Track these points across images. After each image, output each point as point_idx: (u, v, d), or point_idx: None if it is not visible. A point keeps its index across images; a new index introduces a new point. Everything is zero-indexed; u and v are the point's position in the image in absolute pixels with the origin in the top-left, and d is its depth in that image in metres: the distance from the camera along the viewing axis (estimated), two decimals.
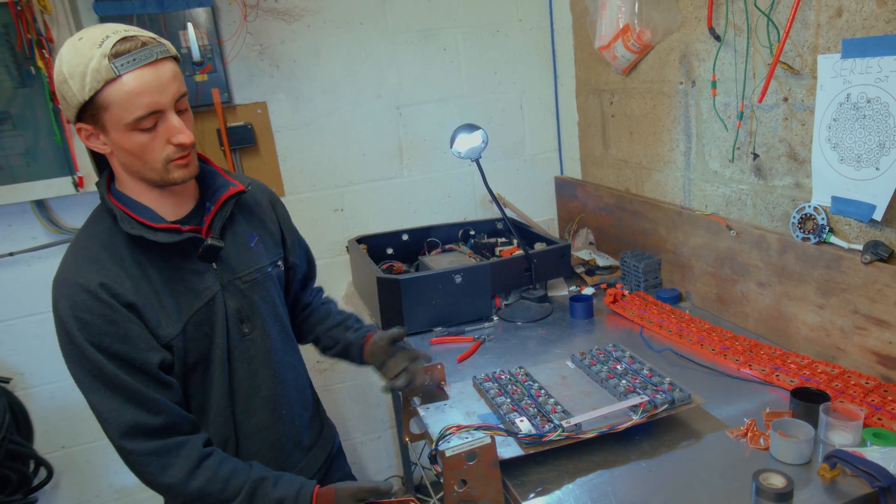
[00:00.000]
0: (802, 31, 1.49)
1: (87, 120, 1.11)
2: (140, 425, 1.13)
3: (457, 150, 1.94)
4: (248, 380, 1.32)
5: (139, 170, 1.16)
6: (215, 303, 1.26)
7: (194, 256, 1.24)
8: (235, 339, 1.29)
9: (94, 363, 1.11)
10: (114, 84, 1.05)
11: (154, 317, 1.18)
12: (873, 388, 1.37)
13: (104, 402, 1.13)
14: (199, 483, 1.17)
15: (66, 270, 1.15)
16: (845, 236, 1.49)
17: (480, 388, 1.50)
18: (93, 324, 1.11)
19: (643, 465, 1.27)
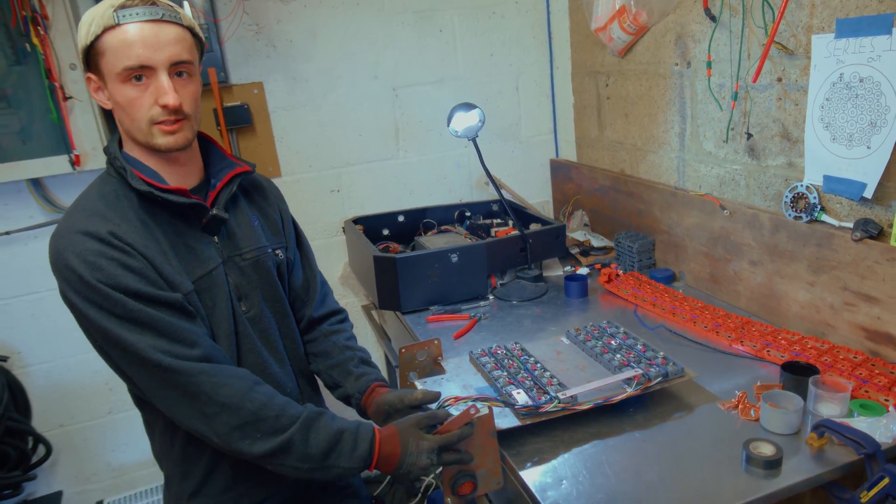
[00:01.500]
0: (797, 11, 1.50)
1: (93, 69, 1.15)
2: (175, 352, 1.09)
3: (454, 128, 1.95)
4: (253, 357, 1.30)
5: (129, 128, 1.18)
6: (216, 275, 1.25)
7: (198, 227, 1.25)
8: (239, 315, 1.29)
9: (115, 303, 1.07)
10: (112, 31, 1.10)
11: (166, 267, 1.15)
12: (861, 363, 1.41)
13: (138, 340, 1.07)
14: (255, 406, 1.11)
15: (70, 222, 1.12)
16: (836, 214, 1.51)
17: (477, 363, 1.53)
18: (106, 267, 1.07)
19: (637, 435, 1.30)
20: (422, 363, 1.55)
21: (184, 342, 1.11)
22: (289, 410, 1.14)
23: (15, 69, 1.96)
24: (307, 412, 1.16)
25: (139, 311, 1.08)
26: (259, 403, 1.12)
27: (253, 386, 1.14)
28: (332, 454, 1.14)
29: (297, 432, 1.13)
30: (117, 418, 2.46)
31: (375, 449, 1.15)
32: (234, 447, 1.13)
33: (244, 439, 1.12)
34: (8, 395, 2.12)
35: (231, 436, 1.12)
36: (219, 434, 1.12)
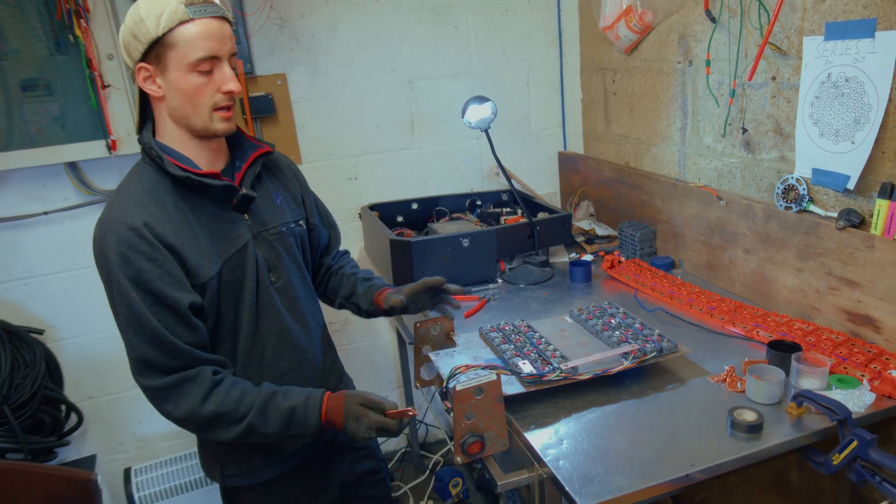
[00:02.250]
0: (790, 14, 1.61)
1: (151, 59, 1.23)
2: (156, 365, 1.22)
3: (468, 120, 2.07)
4: (276, 325, 1.41)
5: (187, 114, 1.27)
6: (247, 250, 1.36)
7: (228, 207, 1.35)
8: (264, 286, 1.39)
9: (126, 298, 1.20)
10: (185, 25, 1.21)
11: (193, 257, 1.27)
12: (842, 342, 1.52)
13: (130, 336, 1.22)
14: (213, 406, 1.24)
15: (111, 211, 1.25)
16: (823, 205, 1.62)
17: (486, 338, 1.65)
18: (134, 260, 1.19)
19: (632, 403, 1.42)
20: (435, 337, 1.67)
21: (167, 353, 1.23)
22: (245, 400, 1.28)
23: (56, 59, 2.09)
24: (260, 398, 1.29)
25: (142, 314, 1.20)
26: (217, 402, 1.25)
27: (212, 388, 1.26)
28: (290, 427, 1.30)
29: (254, 417, 1.27)
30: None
31: (322, 417, 1.30)
32: (208, 437, 1.30)
33: (212, 431, 1.28)
34: (44, 366, 2.26)
35: (202, 432, 1.29)
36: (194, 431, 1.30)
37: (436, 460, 2.94)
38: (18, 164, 2.15)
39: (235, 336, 1.38)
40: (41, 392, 2.21)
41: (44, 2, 2.02)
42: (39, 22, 2.05)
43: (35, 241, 2.33)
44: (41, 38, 2.07)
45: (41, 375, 2.21)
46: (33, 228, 2.32)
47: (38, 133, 2.14)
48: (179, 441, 2.71)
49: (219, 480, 1.48)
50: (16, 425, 2.08)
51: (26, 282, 2.36)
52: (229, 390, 1.28)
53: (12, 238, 2.30)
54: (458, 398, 1.31)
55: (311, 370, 1.51)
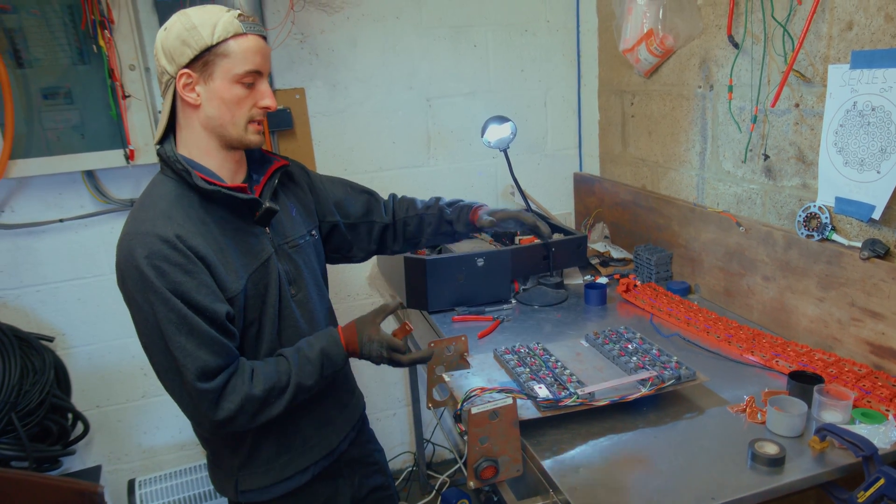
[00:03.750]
0: (815, 41, 1.60)
1: (197, 67, 1.24)
2: (211, 367, 1.23)
3: (487, 139, 2.07)
4: (296, 337, 1.41)
5: (223, 124, 1.29)
6: (270, 264, 1.37)
7: (251, 220, 1.36)
8: (285, 299, 1.40)
9: (174, 306, 1.19)
10: (239, 38, 1.25)
11: (222, 271, 1.27)
12: (865, 375, 1.49)
13: (181, 343, 1.20)
14: (262, 385, 1.27)
15: (139, 223, 1.22)
16: (846, 234, 1.60)
17: (501, 360, 1.63)
18: (170, 272, 1.19)
19: (649, 431, 1.39)
20: (449, 357, 1.65)
21: (219, 354, 1.24)
22: (281, 367, 1.32)
23: (79, 68, 2.11)
24: (293, 359, 1.33)
25: (192, 318, 1.21)
26: (263, 383, 1.28)
27: (252, 372, 1.29)
28: (324, 370, 1.36)
29: (296, 377, 1.31)
30: (150, 402, 2.59)
31: (343, 347, 1.38)
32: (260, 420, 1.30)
33: (266, 411, 1.30)
34: (53, 374, 2.25)
35: (256, 416, 1.29)
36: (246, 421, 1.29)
37: (442, 480, 2.91)
38: (36, 172, 2.17)
39: (257, 349, 1.38)
40: (49, 400, 2.20)
41: (69, 12, 2.04)
42: (64, 31, 2.07)
43: (49, 248, 2.34)
44: (65, 48, 2.09)
45: (49, 383, 2.20)
46: (48, 235, 2.33)
47: (57, 141, 2.15)
48: (185, 453, 2.70)
49: (232, 496, 1.46)
50: (22, 433, 2.06)
51: (39, 288, 2.36)
52: (264, 366, 1.31)
53: (27, 244, 2.31)
54: (473, 421, 1.29)
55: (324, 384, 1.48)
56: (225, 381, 1.25)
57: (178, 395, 1.28)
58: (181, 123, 1.33)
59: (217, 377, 1.24)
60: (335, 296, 2.29)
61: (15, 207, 2.27)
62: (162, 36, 1.26)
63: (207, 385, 1.23)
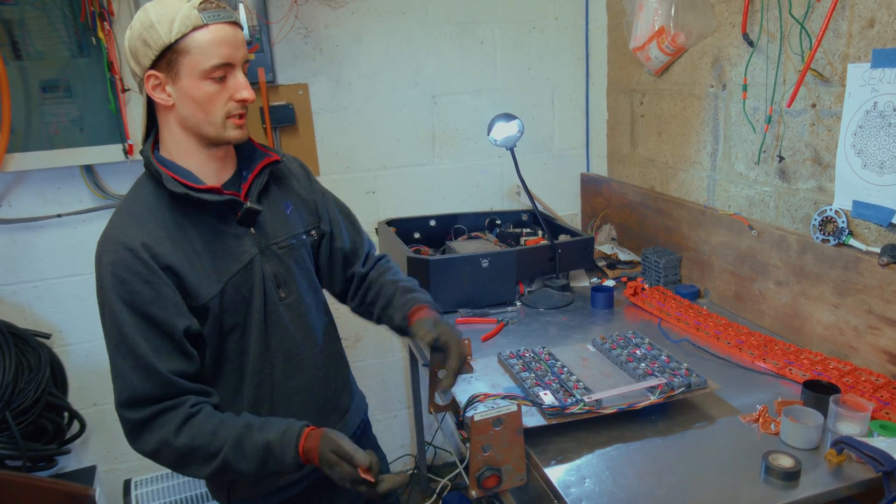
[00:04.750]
0: (834, 39, 1.55)
1: (162, 67, 1.16)
2: (139, 395, 1.15)
3: (493, 137, 2.02)
4: (286, 343, 1.35)
5: (198, 123, 1.21)
6: (253, 266, 1.29)
7: (234, 221, 1.29)
8: (273, 303, 1.33)
9: (118, 322, 1.15)
10: (199, 31, 1.14)
11: (193, 277, 1.21)
12: (883, 385, 1.44)
13: (117, 363, 1.17)
14: (186, 439, 1.17)
15: (111, 228, 1.20)
16: (864, 239, 1.55)
17: (505, 364, 1.58)
18: (129, 282, 1.14)
19: (658, 441, 1.34)
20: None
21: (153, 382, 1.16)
22: (220, 433, 1.18)
23: (78, 61, 2.07)
24: (235, 431, 1.19)
25: (132, 339, 1.15)
26: (191, 435, 1.17)
27: (186, 419, 1.18)
28: (267, 464, 1.20)
29: (228, 453, 1.18)
30: None
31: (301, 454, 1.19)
32: (183, 472, 1.22)
33: (186, 467, 1.20)
34: (49, 371, 2.21)
35: (175, 466, 1.21)
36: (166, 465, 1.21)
37: (443, 484, 2.86)
38: (35, 166, 2.13)
39: (243, 356, 1.31)
40: (44, 398, 2.15)
41: (69, 4, 2.00)
42: (63, 24, 2.03)
43: (47, 243, 2.30)
44: (64, 40, 2.05)
45: (45, 381, 2.16)
46: (46, 230, 2.29)
47: (56, 135, 2.11)
48: None
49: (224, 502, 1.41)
50: (16, 432, 2.02)
51: (36, 284, 2.32)
52: (205, 421, 1.19)
53: (24, 239, 2.27)
54: (476, 429, 1.25)
55: (320, 389, 1.44)
56: (151, 414, 1.16)
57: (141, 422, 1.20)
58: (161, 124, 1.26)
59: (144, 408, 1.16)
60: None
61: (12, 202, 2.23)
62: (127, 35, 1.19)
63: (129, 413, 1.16)
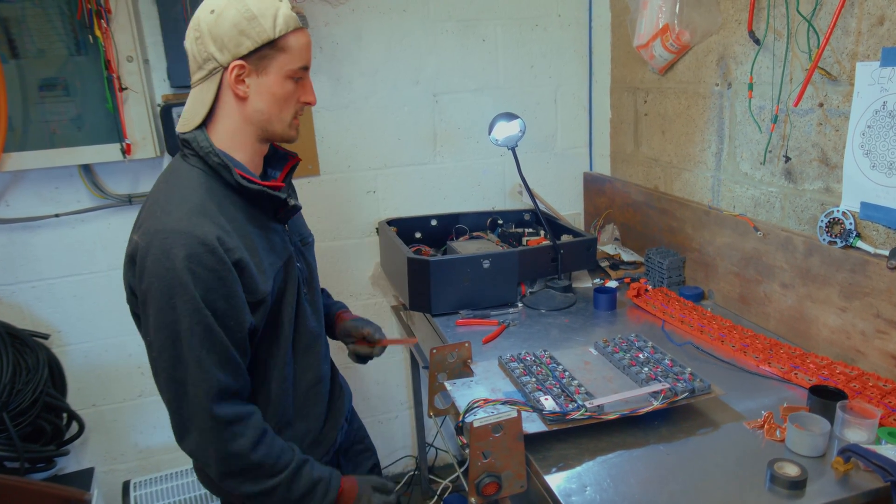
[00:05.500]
0: (843, 37, 1.51)
1: (253, 59, 1.19)
2: (225, 388, 1.17)
3: (494, 137, 1.99)
4: (306, 337, 1.38)
5: (269, 119, 1.25)
6: (291, 263, 1.33)
7: (272, 217, 1.31)
8: (301, 299, 1.36)
9: (201, 316, 1.13)
10: (297, 33, 1.21)
11: (254, 272, 1.21)
12: (891, 391, 1.41)
13: (202, 356, 1.14)
14: (260, 455, 1.21)
15: (177, 220, 1.14)
16: (872, 241, 1.52)
17: (506, 368, 1.55)
18: (205, 279, 1.13)
19: (661, 448, 1.32)
20: (451, 365, 1.58)
21: (233, 374, 1.20)
22: (283, 458, 1.25)
23: (75, 59, 2.05)
24: (296, 461, 1.27)
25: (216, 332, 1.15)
26: (264, 452, 1.22)
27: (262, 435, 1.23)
28: (310, 498, 1.28)
29: (284, 479, 1.24)
30: (147, 401, 2.54)
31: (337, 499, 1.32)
32: (226, 483, 1.22)
33: (242, 480, 1.22)
34: (47, 372, 2.20)
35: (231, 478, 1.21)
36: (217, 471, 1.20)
37: (444, 485, 2.84)
38: (33, 165, 2.11)
39: (272, 350, 1.33)
40: (42, 399, 2.14)
41: (66, 1, 1.98)
42: (61, 21, 2.01)
43: (45, 243, 2.28)
44: (62, 38, 2.03)
45: (43, 382, 2.15)
46: (44, 230, 2.27)
47: (54, 134, 2.09)
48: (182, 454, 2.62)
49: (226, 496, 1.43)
50: (14, 433, 2.01)
51: (34, 284, 2.31)
52: (273, 442, 1.25)
53: (22, 239, 2.26)
54: (475, 435, 1.23)
55: (326, 383, 1.48)
56: (235, 415, 1.19)
57: (174, 407, 1.19)
58: (219, 113, 1.25)
59: (230, 404, 1.19)
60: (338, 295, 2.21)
61: (10, 201, 2.21)
62: (210, 20, 1.17)
63: (219, 409, 1.16)
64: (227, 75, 1.19)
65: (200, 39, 1.18)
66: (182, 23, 2.12)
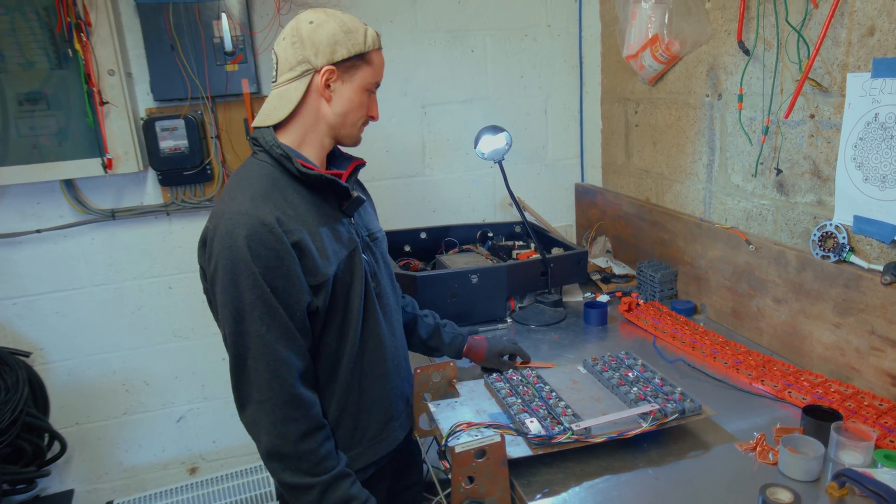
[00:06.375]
0: (833, 48, 1.48)
1: (344, 67, 1.31)
2: (286, 364, 1.22)
3: (480, 150, 1.96)
4: (375, 331, 1.40)
5: (343, 122, 1.35)
6: (356, 254, 1.36)
7: (338, 209, 1.36)
8: (369, 292, 1.39)
9: (262, 293, 1.19)
10: (379, 52, 1.37)
11: (316, 255, 1.26)
12: (887, 410, 1.37)
13: (263, 332, 1.20)
14: (306, 448, 1.23)
15: (238, 203, 1.22)
16: (866, 256, 1.48)
17: (492, 388, 1.51)
18: (265, 257, 1.19)
19: (650, 472, 1.28)
20: (436, 385, 1.54)
21: (295, 350, 1.24)
22: (327, 462, 1.26)
23: (57, 72, 2.02)
24: (339, 470, 1.27)
25: (276, 307, 1.21)
26: (309, 447, 1.24)
27: (314, 430, 1.26)
28: None
29: (321, 483, 1.24)
30: (132, 419, 2.49)
31: None
32: (269, 463, 1.25)
33: (279, 463, 1.24)
34: (28, 391, 2.15)
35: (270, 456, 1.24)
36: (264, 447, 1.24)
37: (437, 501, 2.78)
38: (13, 181, 2.08)
39: (341, 341, 1.35)
40: (22, 419, 2.09)
41: (46, 14, 1.95)
42: (42, 35, 1.98)
43: (27, 259, 2.24)
44: (43, 52, 2.00)
45: (23, 401, 2.10)
46: (25, 246, 2.23)
47: (35, 149, 2.06)
48: (168, 472, 2.59)
49: None
50: None
51: (15, 301, 2.27)
52: (323, 443, 1.27)
53: (3, 255, 2.22)
54: (457, 461, 1.19)
55: (396, 379, 1.47)
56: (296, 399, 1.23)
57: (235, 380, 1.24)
58: (300, 111, 1.33)
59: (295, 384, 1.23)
60: None
61: None
62: (309, 28, 1.29)
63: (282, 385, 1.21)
64: (317, 78, 1.30)
65: (298, 44, 1.29)
66: (165, 35, 2.09)
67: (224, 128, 2.27)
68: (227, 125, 2.27)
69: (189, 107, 2.20)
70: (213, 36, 2.14)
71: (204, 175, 2.27)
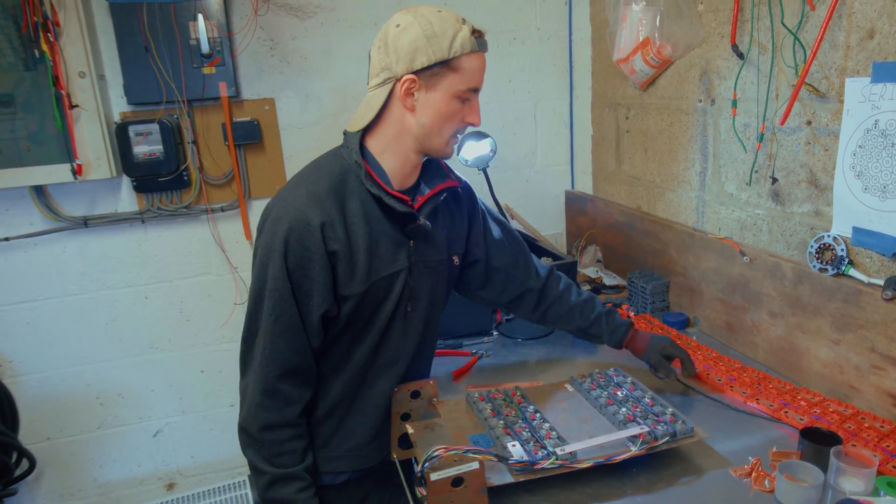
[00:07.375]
0: (830, 52, 1.42)
1: (425, 76, 1.22)
2: (282, 359, 1.24)
3: (464, 157, 1.89)
4: (390, 352, 1.37)
5: (429, 134, 1.27)
6: (399, 277, 1.32)
7: (400, 229, 1.32)
8: (399, 313, 1.35)
9: (283, 285, 1.22)
10: (471, 56, 1.23)
11: (349, 268, 1.26)
12: (889, 433, 1.30)
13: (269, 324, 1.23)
14: (267, 438, 1.26)
15: (298, 196, 1.24)
16: (865, 269, 1.41)
17: (474, 407, 1.44)
18: (298, 254, 1.22)
19: (639, 500, 1.20)
20: (416, 403, 1.46)
21: (295, 349, 1.26)
22: (285, 458, 1.28)
23: (26, 75, 1.94)
24: (293, 470, 1.28)
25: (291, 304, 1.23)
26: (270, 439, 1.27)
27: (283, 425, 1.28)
28: None
29: (271, 474, 1.27)
30: (107, 434, 2.40)
31: None
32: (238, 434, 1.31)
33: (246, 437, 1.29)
34: None
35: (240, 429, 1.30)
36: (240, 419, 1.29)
37: None
38: None
39: (351, 350, 1.35)
40: None
41: (13, 12, 1.87)
42: (8, 35, 1.90)
43: None
44: (10, 53, 1.92)
45: None
46: None
47: (2, 153, 1.97)
48: (145, 488, 2.51)
49: None
50: None
51: None
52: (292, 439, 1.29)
53: None
54: (432, 489, 1.12)
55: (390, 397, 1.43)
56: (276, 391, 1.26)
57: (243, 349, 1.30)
58: (384, 119, 1.29)
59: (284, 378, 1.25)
60: None
61: None
62: (394, 33, 1.22)
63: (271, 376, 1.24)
64: (398, 86, 1.24)
65: (383, 49, 1.23)
66: (139, 37, 2.02)
67: (201, 133, 2.19)
68: (204, 130, 2.19)
69: (164, 111, 2.12)
70: (190, 37, 2.06)
71: (180, 181, 2.19)
